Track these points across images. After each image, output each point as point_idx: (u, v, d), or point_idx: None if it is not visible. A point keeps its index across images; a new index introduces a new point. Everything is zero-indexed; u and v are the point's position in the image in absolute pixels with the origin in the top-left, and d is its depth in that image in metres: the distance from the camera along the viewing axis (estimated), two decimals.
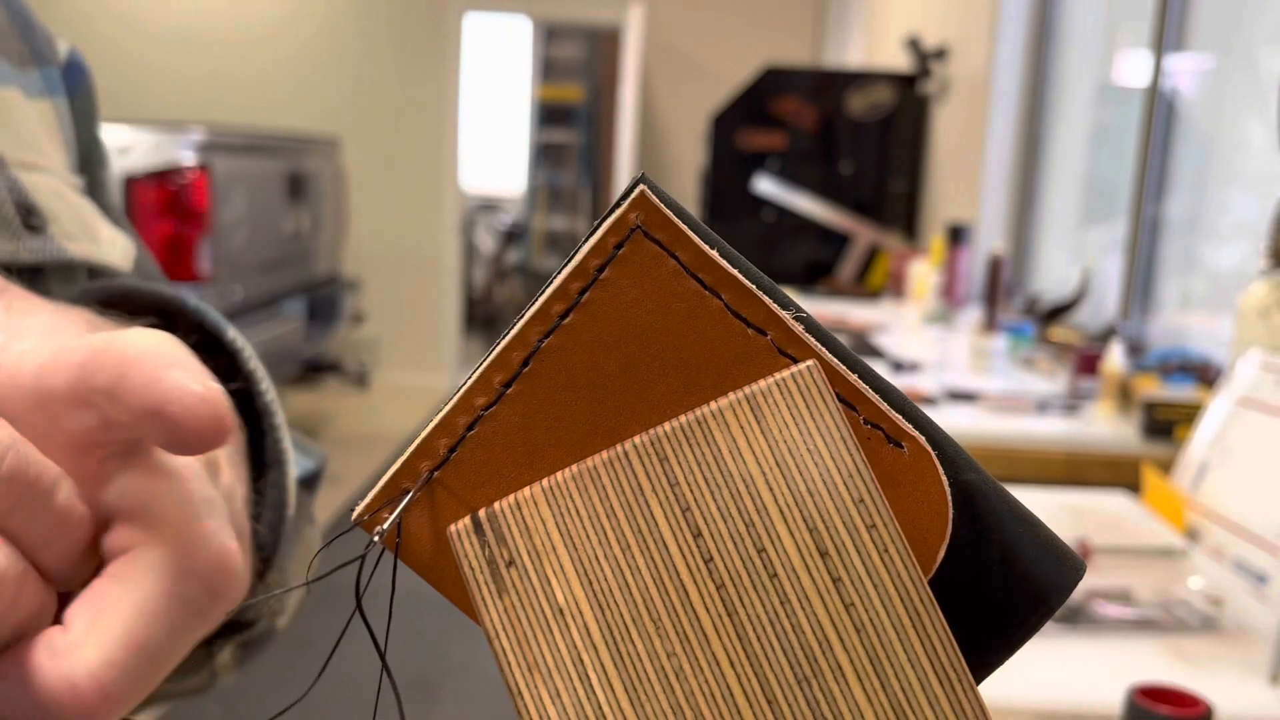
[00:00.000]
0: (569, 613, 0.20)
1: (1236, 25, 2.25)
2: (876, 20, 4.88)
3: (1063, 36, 3.25)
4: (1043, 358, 2.29)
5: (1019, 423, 1.78)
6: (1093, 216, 2.97)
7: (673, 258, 0.21)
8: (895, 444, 0.21)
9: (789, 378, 0.20)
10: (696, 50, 5.79)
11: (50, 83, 0.51)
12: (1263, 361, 1.25)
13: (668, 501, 0.20)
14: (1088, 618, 1.01)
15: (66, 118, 0.51)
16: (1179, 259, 2.42)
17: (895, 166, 4.04)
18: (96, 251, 0.48)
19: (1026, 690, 0.88)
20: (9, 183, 0.44)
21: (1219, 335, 2.09)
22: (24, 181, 0.45)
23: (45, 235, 0.45)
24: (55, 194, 0.47)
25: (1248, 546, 1.11)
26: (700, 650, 0.20)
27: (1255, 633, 1.00)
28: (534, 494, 0.20)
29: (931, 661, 0.19)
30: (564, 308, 0.21)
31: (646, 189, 0.21)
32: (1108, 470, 1.66)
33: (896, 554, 0.19)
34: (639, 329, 0.21)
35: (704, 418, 0.20)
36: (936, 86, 3.91)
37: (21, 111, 0.48)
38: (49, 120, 0.50)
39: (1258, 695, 0.90)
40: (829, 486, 0.20)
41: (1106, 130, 2.93)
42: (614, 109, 6.93)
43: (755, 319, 0.21)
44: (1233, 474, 1.21)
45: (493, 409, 0.21)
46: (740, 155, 4.07)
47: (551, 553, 0.20)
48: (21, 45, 0.50)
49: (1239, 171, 2.20)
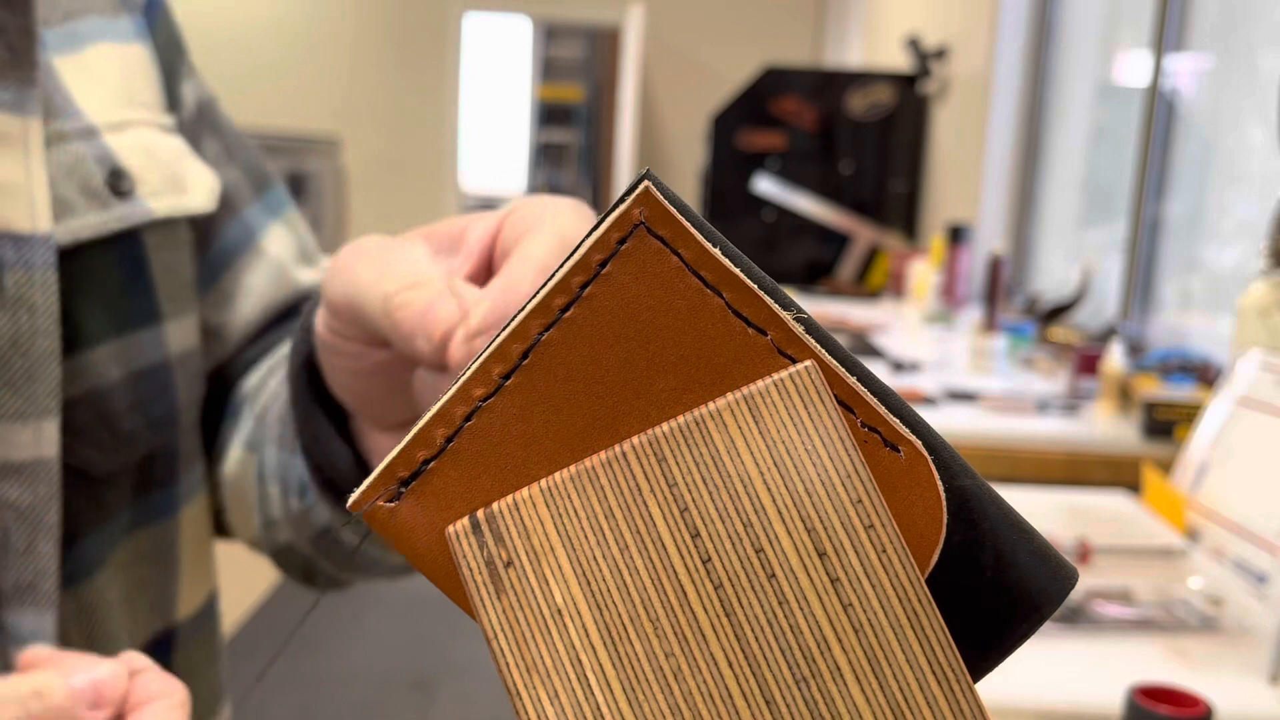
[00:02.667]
0: (567, 613, 0.20)
1: (1236, 25, 2.25)
2: (876, 20, 4.88)
3: (1063, 36, 3.25)
4: (1043, 358, 2.29)
5: (1019, 423, 1.78)
6: (1093, 216, 2.97)
7: (675, 254, 0.21)
8: (892, 448, 0.21)
9: (787, 378, 0.20)
10: (696, 50, 5.79)
11: (138, 26, 0.54)
12: (1263, 361, 1.25)
13: (666, 502, 0.20)
14: (1088, 618, 1.01)
15: (154, 57, 0.54)
16: (1179, 259, 2.42)
17: (895, 166, 4.04)
18: (181, 204, 0.51)
19: (1026, 690, 0.88)
20: (99, 152, 0.48)
21: (1219, 335, 2.09)
22: (113, 146, 0.48)
23: (133, 198, 0.48)
24: (143, 149, 0.50)
25: (1248, 546, 1.11)
26: (698, 651, 0.20)
27: (1255, 633, 1.00)
28: (532, 494, 0.21)
29: (930, 662, 0.19)
30: (565, 301, 0.21)
31: (651, 185, 0.21)
32: (1108, 470, 1.66)
33: (894, 554, 0.19)
34: (640, 325, 0.21)
35: (702, 418, 0.20)
36: (936, 86, 3.91)
37: (113, 64, 0.51)
38: (142, 63, 0.53)
39: (1258, 695, 0.90)
40: (827, 487, 0.20)
41: (1106, 130, 2.93)
42: (614, 109, 6.93)
43: (756, 318, 0.21)
44: (1233, 474, 1.21)
45: (491, 400, 0.21)
46: (740, 155, 4.07)
47: (550, 553, 0.20)
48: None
49: (1239, 171, 2.20)
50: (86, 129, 0.48)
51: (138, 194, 0.48)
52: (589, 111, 7.58)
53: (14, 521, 0.42)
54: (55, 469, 0.43)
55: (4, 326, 0.42)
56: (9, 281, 0.42)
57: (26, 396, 0.43)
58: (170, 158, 0.51)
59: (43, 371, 0.43)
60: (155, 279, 0.50)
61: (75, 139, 0.47)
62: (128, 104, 0.51)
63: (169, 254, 0.51)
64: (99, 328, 0.47)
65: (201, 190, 0.53)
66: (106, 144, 0.48)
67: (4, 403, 0.42)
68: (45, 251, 0.43)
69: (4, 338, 0.42)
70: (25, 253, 0.43)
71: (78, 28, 0.50)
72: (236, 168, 0.57)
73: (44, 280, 0.43)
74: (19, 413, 0.42)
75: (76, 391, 0.46)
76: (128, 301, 0.48)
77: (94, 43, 0.50)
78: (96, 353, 0.47)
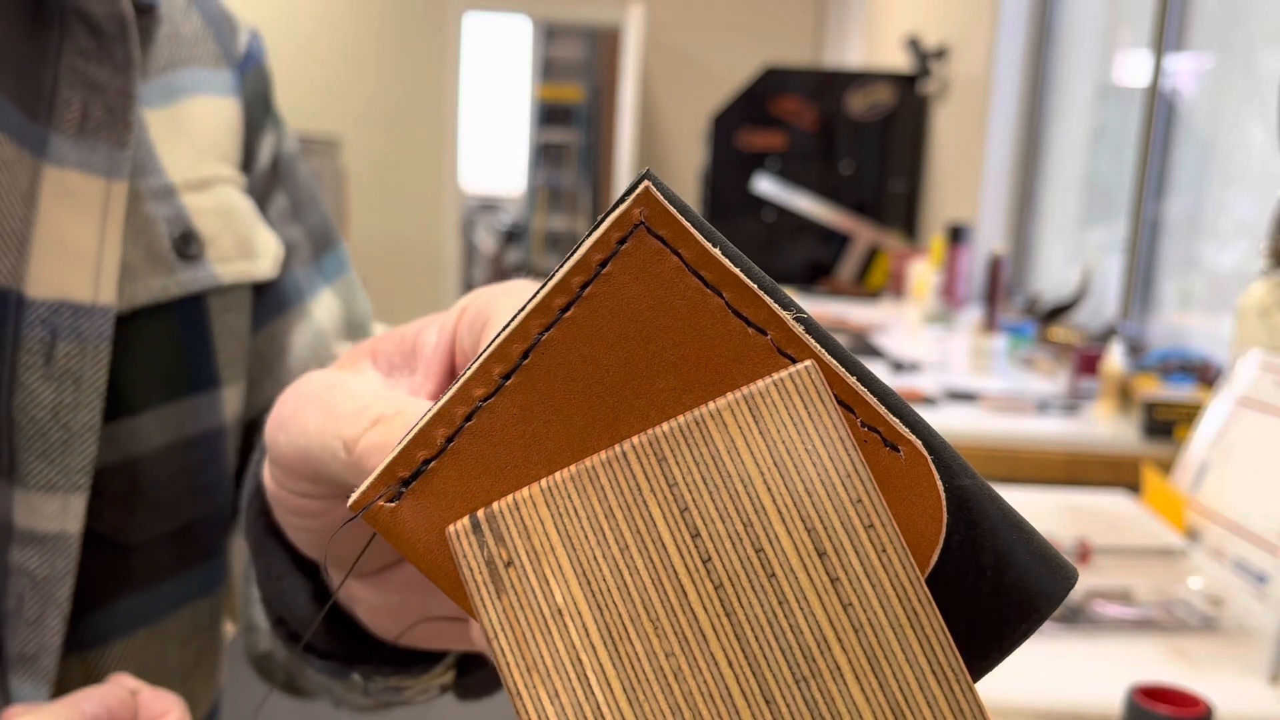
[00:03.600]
0: (568, 613, 0.20)
1: (1236, 25, 2.25)
2: (876, 20, 4.88)
3: (1063, 36, 3.25)
4: (1043, 358, 2.29)
5: (1019, 423, 1.78)
6: (1093, 216, 2.97)
7: (675, 254, 0.21)
8: (892, 448, 0.21)
9: (787, 378, 0.20)
10: (696, 50, 5.79)
11: (236, 80, 0.53)
12: (1263, 361, 1.25)
13: (666, 502, 0.20)
14: (1088, 618, 1.01)
15: (243, 113, 0.53)
16: (1179, 259, 2.42)
17: (895, 166, 4.04)
18: (249, 270, 0.50)
19: (1026, 690, 0.88)
20: (173, 213, 0.47)
21: (1219, 335, 2.09)
22: (190, 206, 0.47)
23: (200, 262, 0.47)
24: (223, 210, 0.49)
25: (1248, 546, 1.11)
26: (699, 650, 0.20)
27: (1255, 633, 1.00)
28: (532, 494, 0.20)
29: (929, 661, 0.19)
30: (565, 301, 0.21)
31: (651, 185, 0.21)
32: (1108, 470, 1.66)
33: (894, 554, 0.19)
34: (640, 325, 0.21)
35: (702, 418, 0.20)
36: (936, 86, 3.91)
37: (207, 119, 0.50)
38: (233, 119, 0.52)
39: (1258, 695, 0.90)
40: (827, 487, 0.20)
41: (1106, 130, 2.93)
42: (614, 109, 6.93)
43: (756, 318, 0.21)
44: (1233, 474, 1.21)
45: (491, 400, 0.21)
46: (740, 155, 4.06)
47: (550, 553, 0.20)
48: (216, 48, 0.52)
49: (1239, 171, 2.20)
50: (165, 188, 0.47)
51: (206, 258, 0.48)
52: (589, 111, 7.58)
53: (29, 590, 0.42)
54: (75, 545, 0.42)
55: (47, 397, 0.41)
56: (59, 352, 0.41)
57: (60, 468, 0.42)
58: (245, 220, 0.50)
59: (79, 444, 0.42)
60: (216, 344, 0.49)
61: (150, 199, 0.46)
62: (215, 160, 0.50)
63: (233, 318, 0.50)
64: (146, 394, 0.46)
65: (268, 256, 0.52)
66: (182, 204, 0.47)
67: (37, 472, 0.41)
68: (102, 323, 0.42)
69: (45, 408, 0.41)
70: (81, 323, 0.42)
71: (177, 79, 0.49)
72: (300, 226, 0.56)
73: (95, 353, 0.42)
74: (50, 484, 0.42)
75: (112, 458, 0.45)
76: (185, 366, 0.48)
77: (191, 96, 0.49)
78: (139, 419, 0.46)
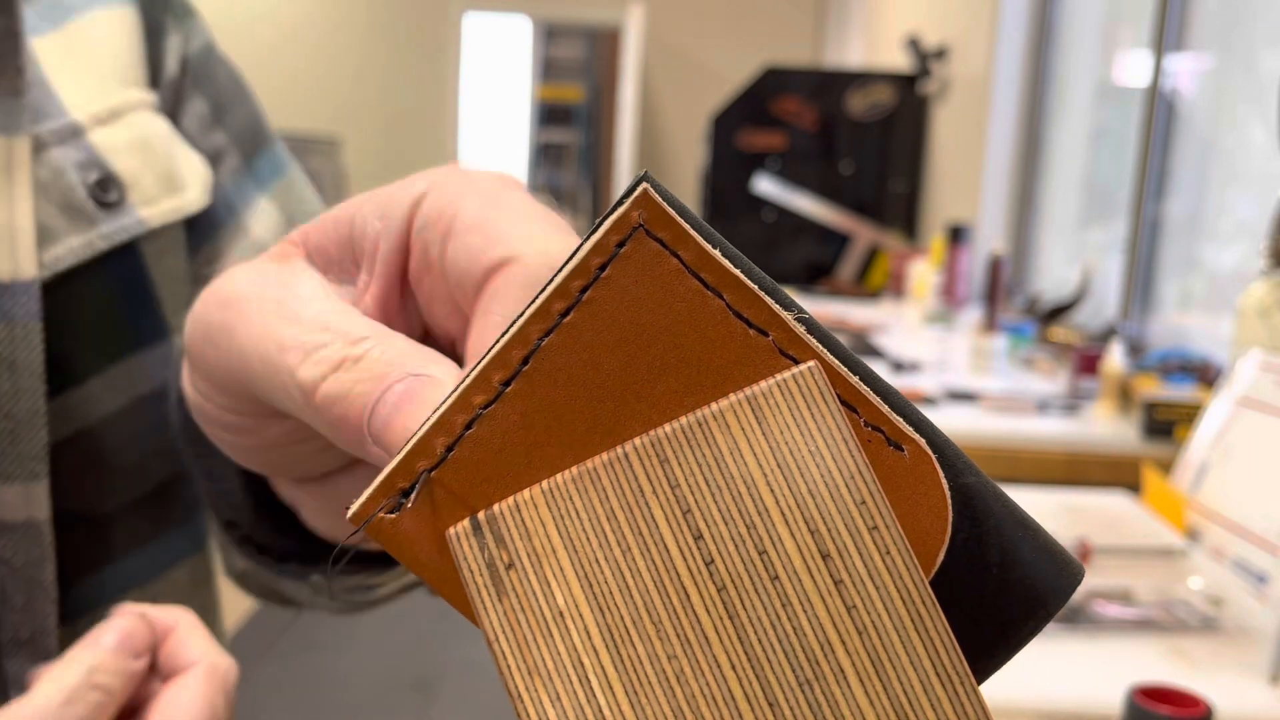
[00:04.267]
0: (569, 615, 0.20)
1: (1236, 25, 2.25)
2: (876, 20, 4.88)
3: (1063, 36, 3.25)
4: (1043, 358, 2.29)
5: (1019, 423, 1.78)
6: (1093, 216, 2.97)
7: (675, 257, 0.21)
8: (896, 447, 0.21)
9: (790, 379, 0.20)
10: (696, 50, 5.79)
11: None
12: (1263, 361, 1.25)
13: (668, 503, 0.20)
14: (1088, 618, 1.01)
15: (140, 18, 0.47)
16: (1179, 259, 2.42)
17: (895, 166, 4.04)
18: (179, 206, 0.45)
19: (1026, 690, 0.88)
20: (84, 156, 0.41)
21: (1219, 335, 2.09)
22: (101, 145, 0.42)
23: (123, 207, 0.42)
24: (138, 144, 0.44)
25: (1248, 546, 1.10)
26: (701, 653, 0.19)
27: (1255, 633, 1.00)
28: (533, 496, 0.20)
29: (934, 663, 0.19)
30: (565, 306, 0.21)
31: (649, 187, 0.21)
32: (1108, 470, 1.66)
33: (898, 555, 0.19)
34: (640, 328, 0.21)
35: (704, 419, 0.20)
36: (936, 86, 3.91)
37: (102, 36, 0.44)
38: (130, 29, 0.46)
39: (1258, 695, 0.90)
40: (830, 488, 0.20)
41: (1106, 130, 2.92)
42: (614, 109, 6.92)
43: (757, 320, 0.21)
44: (1233, 474, 1.21)
45: (491, 407, 0.21)
46: (740, 155, 4.06)
47: (551, 555, 0.20)
48: None
49: (1239, 171, 2.19)
50: (69, 128, 0.41)
51: (129, 202, 0.43)
52: (589, 111, 7.58)
53: (10, 579, 0.39)
54: (47, 530, 0.40)
55: None
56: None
57: (12, 458, 0.38)
58: (165, 148, 0.45)
59: (27, 432, 0.38)
60: (158, 292, 0.45)
61: (55, 145, 0.41)
62: (120, 83, 0.44)
63: (171, 260, 0.46)
64: (89, 360, 0.42)
65: (196, 184, 0.46)
66: (92, 144, 0.42)
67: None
68: (28, 300, 0.38)
69: None
70: (4, 304, 0.37)
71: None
72: (223, 131, 0.50)
73: (26, 335, 0.38)
74: (6, 475, 0.39)
75: (66, 433, 0.41)
76: (127, 322, 0.43)
77: (80, 12, 0.44)
78: (87, 388, 0.42)
